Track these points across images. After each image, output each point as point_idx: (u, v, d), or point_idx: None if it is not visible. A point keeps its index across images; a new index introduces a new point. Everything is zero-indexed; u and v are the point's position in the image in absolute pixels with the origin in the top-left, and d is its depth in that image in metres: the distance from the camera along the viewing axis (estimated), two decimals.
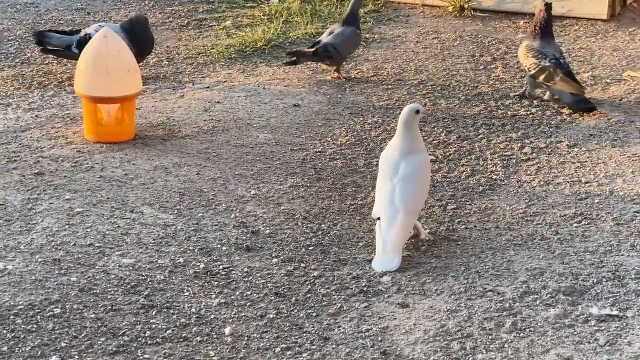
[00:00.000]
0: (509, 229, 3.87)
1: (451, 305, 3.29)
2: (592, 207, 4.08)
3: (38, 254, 3.58)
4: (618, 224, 3.92)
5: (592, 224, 3.92)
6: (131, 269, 3.50)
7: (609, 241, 3.76)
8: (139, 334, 3.08)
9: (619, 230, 3.87)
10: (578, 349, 3.00)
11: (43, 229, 3.79)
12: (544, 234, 3.81)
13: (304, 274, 3.51)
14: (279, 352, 3.02)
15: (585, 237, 3.79)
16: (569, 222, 3.91)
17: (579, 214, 3.99)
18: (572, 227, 3.87)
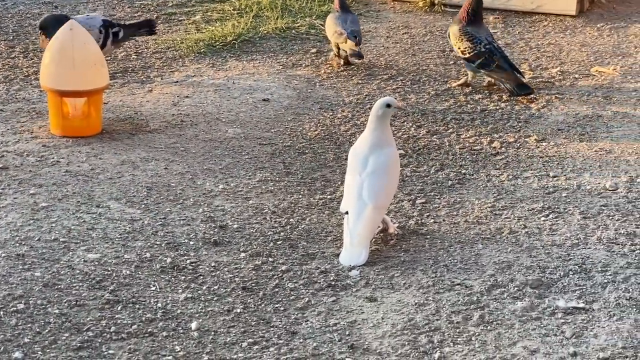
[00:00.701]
0: (477, 223, 3.87)
1: (419, 299, 3.29)
2: (560, 201, 4.10)
3: (1, 249, 3.54)
4: (585, 217, 3.93)
5: (559, 217, 3.93)
6: (97, 264, 3.47)
7: (576, 234, 3.78)
8: (103, 330, 3.05)
9: (586, 223, 3.88)
10: (544, 341, 3.01)
11: (7, 224, 3.74)
12: (512, 227, 3.82)
13: (272, 268, 3.49)
14: (246, 346, 3.00)
15: (552, 231, 3.80)
16: (537, 215, 3.92)
17: (547, 208, 4.00)
18: (539, 221, 3.88)
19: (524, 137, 4.80)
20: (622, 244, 3.70)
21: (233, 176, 4.29)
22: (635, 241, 3.72)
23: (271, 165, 4.44)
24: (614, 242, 3.72)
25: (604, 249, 3.66)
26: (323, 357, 2.94)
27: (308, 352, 2.96)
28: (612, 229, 3.83)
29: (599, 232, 3.80)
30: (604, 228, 3.83)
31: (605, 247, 3.67)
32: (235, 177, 4.27)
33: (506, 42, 6.22)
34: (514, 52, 5.95)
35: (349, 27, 5.61)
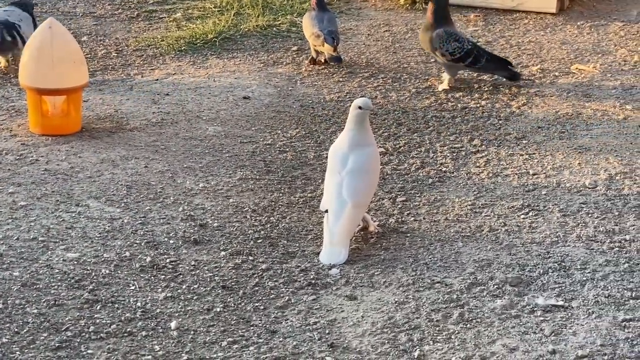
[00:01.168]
0: (457, 220, 3.88)
1: (399, 298, 3.29)
2: (540, 198, 4.11)
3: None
4: (565, 215, 3.95)
5: (539, 215, 3.94)
6: (75, 264, 3.45)
7: (556, 232, 3.79)
8: (82, 329, 3.03)
9: (565, 221, 3.89)
10: (524, 339, 3.02)
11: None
12: (492, 225, 3.83)
13: (252, 267, 3.49)
14: (226, 345, 2.99)
15: (532, 229, 3.81)
16: (517, 213, 3.93)
17: (527, 206, 4.01)
18: (519, 219, 3.89)
19: (504, 134, 4.81)
20: (601, 242, 3.71)
21: (213, 174, 4.28)
22: (614, 239, 3.74)
23: (251, 163, 4.43)
24: (593, 239, 3.73)
25: (583, 246, 3.67)
26: (303, 355, 2.94)
27: (288, 351, 2.96)
28: (592, 226, 3.84)
29: (578, 230, 3.81)
30: (584, 226, 3.85)
31: (585, 245, 3.69)
32: (215, 176, 4.26)
33: (487, 40, 6.24)
34: (494, 50, 5.96)
35: (325, 28, 5.56)
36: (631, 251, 3.63)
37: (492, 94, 5.34)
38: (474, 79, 5.56)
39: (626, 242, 3.70)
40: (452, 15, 6.20)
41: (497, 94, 5.35)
